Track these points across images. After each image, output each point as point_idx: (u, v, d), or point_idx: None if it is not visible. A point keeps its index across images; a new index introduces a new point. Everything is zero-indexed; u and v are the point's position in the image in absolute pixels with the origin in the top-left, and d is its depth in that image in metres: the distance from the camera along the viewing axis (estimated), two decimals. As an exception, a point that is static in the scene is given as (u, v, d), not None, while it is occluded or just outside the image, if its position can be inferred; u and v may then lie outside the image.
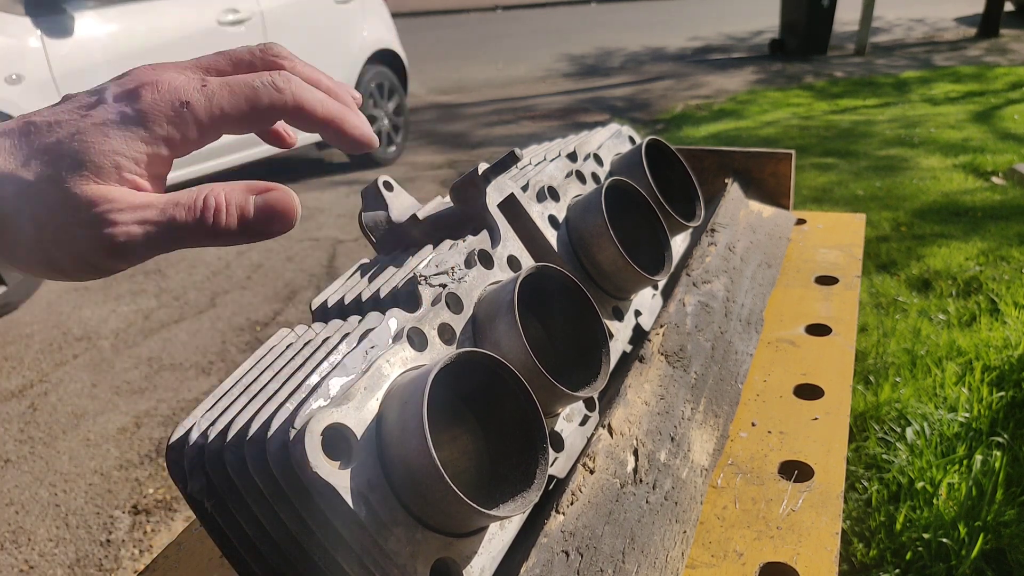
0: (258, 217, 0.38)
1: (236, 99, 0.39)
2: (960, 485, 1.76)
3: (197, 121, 0.38)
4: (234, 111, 0.39)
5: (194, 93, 0.39)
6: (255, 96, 0.40)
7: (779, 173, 1.11)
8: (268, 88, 0.40)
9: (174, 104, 0.38)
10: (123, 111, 0.38)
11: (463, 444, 0.51)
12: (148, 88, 0.38)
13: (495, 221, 0.64)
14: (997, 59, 8.16)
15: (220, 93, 0.39)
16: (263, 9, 4.39)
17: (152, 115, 0.38)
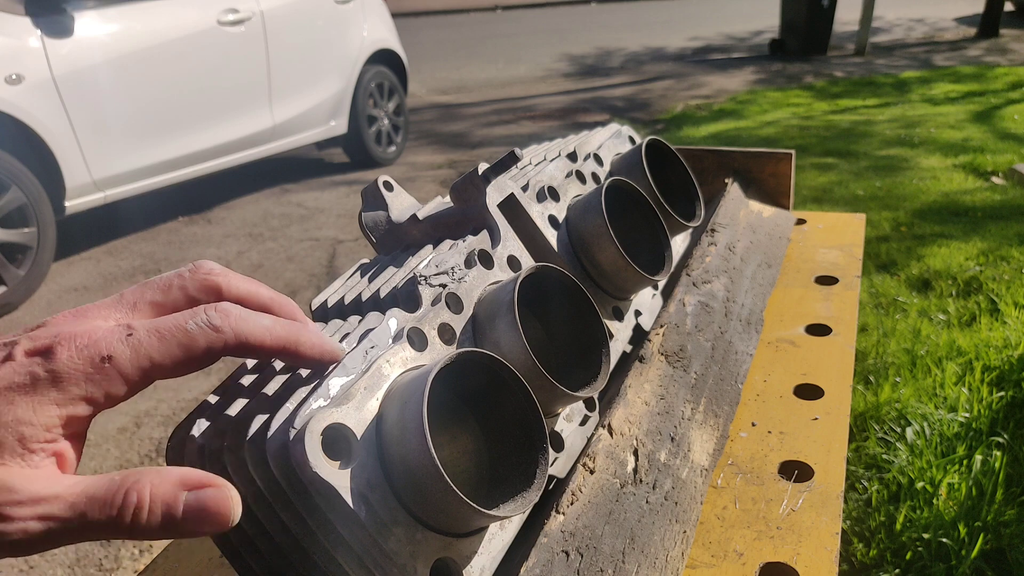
0: (187, 517, 0.33)
1: (167, 346, 0.36)
2: (960, 485, 1.76)
3: (123, 375, 0.35)
4: (166, 359, 0.36)
5: (117, 344, 0.35)
6: (190, 341, 0.36)
7: (779, 173, 1.11)
8: (204, 329, 0.36)
9: (94, 360, 0.34)
10: (32, 372, 0.34)
11: (463, 444, 0.51)
12: (64, 343, 0.34)
13: (495, 221, 0.64)
14: (997, 59, 8.16)
15: (148, 342, 0.35)
16: (263, 9, 4.39)
17: (68, 374, 0.34)
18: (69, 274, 3.79)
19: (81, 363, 0.34)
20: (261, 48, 4.41)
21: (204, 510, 0.34)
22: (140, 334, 0.35)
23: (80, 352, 0.34)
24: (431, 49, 11.16)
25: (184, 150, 4.06)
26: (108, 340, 0.35)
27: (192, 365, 0.36)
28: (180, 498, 0.34)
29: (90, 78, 3.59)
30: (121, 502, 0.33)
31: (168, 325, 0.36)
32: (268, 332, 0.39)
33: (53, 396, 0.34)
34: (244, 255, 3.90)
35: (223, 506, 0.34)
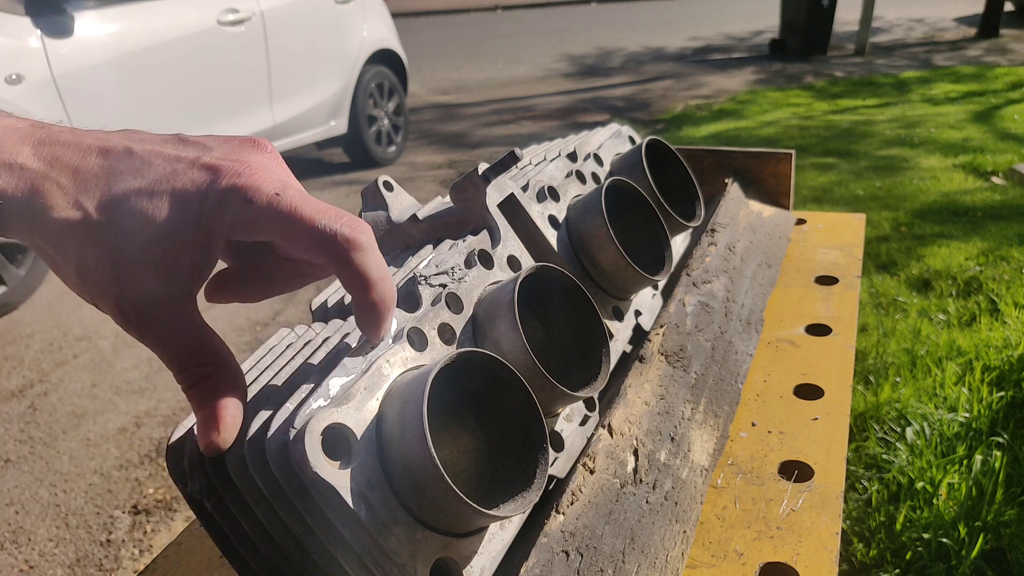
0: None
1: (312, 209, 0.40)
2: (960, 485, 1.76)
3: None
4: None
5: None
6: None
7: (779, 173, 1.11)
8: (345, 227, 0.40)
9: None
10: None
11: (463, 444, 0.51)
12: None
13: (495, 221, 0.64)
14: (997, 59, 8.16)
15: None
16: (263, 9, 4.39)
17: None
18: (69, 274, 3.79)
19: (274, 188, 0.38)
20: (261, 48, 4.41)
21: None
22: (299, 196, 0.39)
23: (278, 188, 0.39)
24: (431, 49, 11.16)
25: (184, 150, 4.06)
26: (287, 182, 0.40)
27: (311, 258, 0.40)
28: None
29: (90, 78, 3.58)
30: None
31: (326, 210, 0.40)
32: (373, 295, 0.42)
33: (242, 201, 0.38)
34: (244, 255, 3.90)
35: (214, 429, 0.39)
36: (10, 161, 0.37)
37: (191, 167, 0.38)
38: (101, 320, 3.26)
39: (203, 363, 0.39)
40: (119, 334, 3.12)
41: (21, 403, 2.65)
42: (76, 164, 0.37)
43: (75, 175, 0.37)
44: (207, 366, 0.39)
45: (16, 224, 0.37)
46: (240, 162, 0.38)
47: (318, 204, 0.39)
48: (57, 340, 3.11)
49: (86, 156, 0.38)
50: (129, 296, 0.37)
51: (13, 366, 2.92)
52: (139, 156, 0.38)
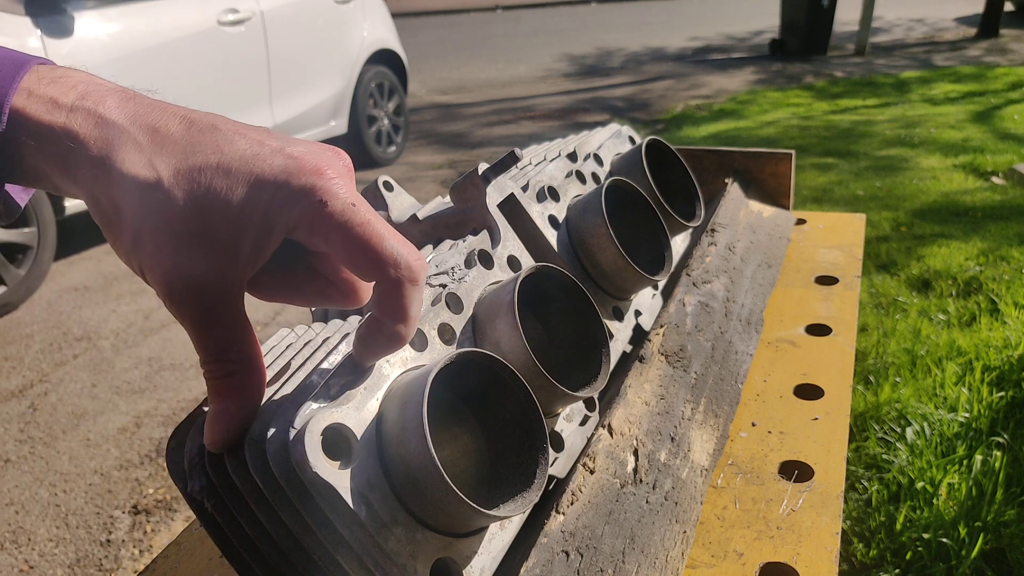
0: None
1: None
2: (960, 485, 1.76)
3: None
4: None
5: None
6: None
7: (779, 173, 1.11)
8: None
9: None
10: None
11: (463, 444, 0.51)
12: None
13: (495, 221, 0.64)
14: (997, 59, 8.16)
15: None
16: (263, 9, 4.39)
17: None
18: (69, 274, 3.79)
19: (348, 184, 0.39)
20: (261, 48, 4.41)
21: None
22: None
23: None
24: (431, 49, 11.16)
25: (184, 150, 4.06)
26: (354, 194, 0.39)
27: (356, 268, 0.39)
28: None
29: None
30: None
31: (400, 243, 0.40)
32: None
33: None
34: (244, 255, 3.90)
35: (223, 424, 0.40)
36: (92, 108, 0.36)
37: (275, 154, 0.37)
38: (101, 320, 3.26)
39: (235, 359, 0.38)
40: (119, 334, 3.12)
41: (21, 403, 2.66)
42: (158, 125, 0.37)
43: (154, 135, 0.36)
44: (237, 363, 0.39)
45: (85, 173, 0.36)
46: (323, 163, 0.38)
47: (388, 226, 0.39)
48: (57, 340, 3.11)
49: (169, 120, 0.37)
50: (182, 272, 0.36)
51: (13, 366, 2.92)
52: (223, 133, 0.38)
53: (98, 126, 0.36)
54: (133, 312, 3.33)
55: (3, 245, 3.35)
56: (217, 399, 0.39)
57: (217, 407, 0.39)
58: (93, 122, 0.36)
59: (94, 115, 0.36)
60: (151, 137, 0.36)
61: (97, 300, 3.47)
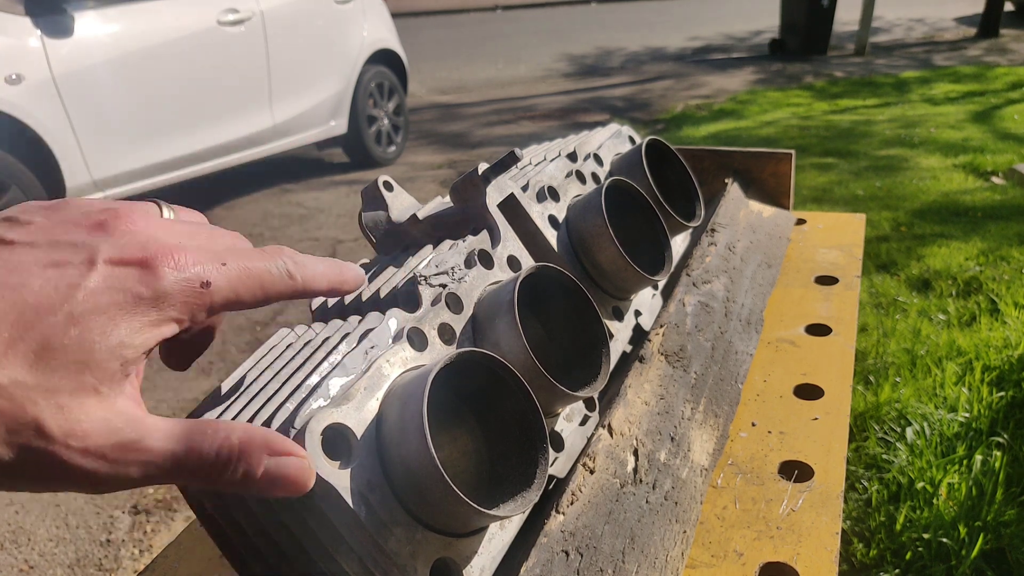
0: (264, 479, 0.34)
1: (252, 284, 0.35)
2: (960, 485, 1.76)
3: (212, 304, 0.34)
4: (247, 296, 0.35)
5: (214, 273, 0.34)
6: (270, 284, 0.36)
7: (779, 173, 1.11)
8: (282, 276, 0.37)
9: (194, 284, 0.33)
10: (136, 290, 0.31)
11: (463, 444, 0.51)
12: (166, 260, 0.32)
13: (495, 221, 0.64)
14: (997, 59, 8.16)
15: (239, 276, 0.35)
16: (263, 9, 4.39)
17: (171, 295, 0.32)
18: (69, 274, 3.79)
19: (184, 285, 0.32)
20: (261, 48, 4.41)
21: (282, 476, 0.34)
22: (233, 268, 0.35)
23: (184, 273, 0.32)
24: (431, 49, 11.16)
25: (184, 150, 4.06)
26: (208, 266, 0.34)
27: (259, 304, 0.37)
28: (263, 461, 0.34)
29: (90, 78, 3.58)
30: (214, 455, 0.32)
31: (255, 265, 0.36)
32: (324, 277, 0.39)
33: (152, 317, 0.31)
34: (244, 255, 3.90)
35: (300, 476, 0.35)
36: None
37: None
38: (101, 320, 3.26)
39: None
40: (119, 334, 3.12)
41: (21, 403, 2.65)
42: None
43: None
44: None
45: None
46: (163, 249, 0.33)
47: (249, 252, 0.36)
48: (57, 340, 3.10)
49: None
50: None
51: (13, 366, 2.91)
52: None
53: None
54: (133, 312, 3.32)
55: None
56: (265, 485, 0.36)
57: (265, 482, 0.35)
58: None
59: None
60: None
61: (97, 300, 3.47)
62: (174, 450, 0.32)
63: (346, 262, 0.43)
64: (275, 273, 0.37)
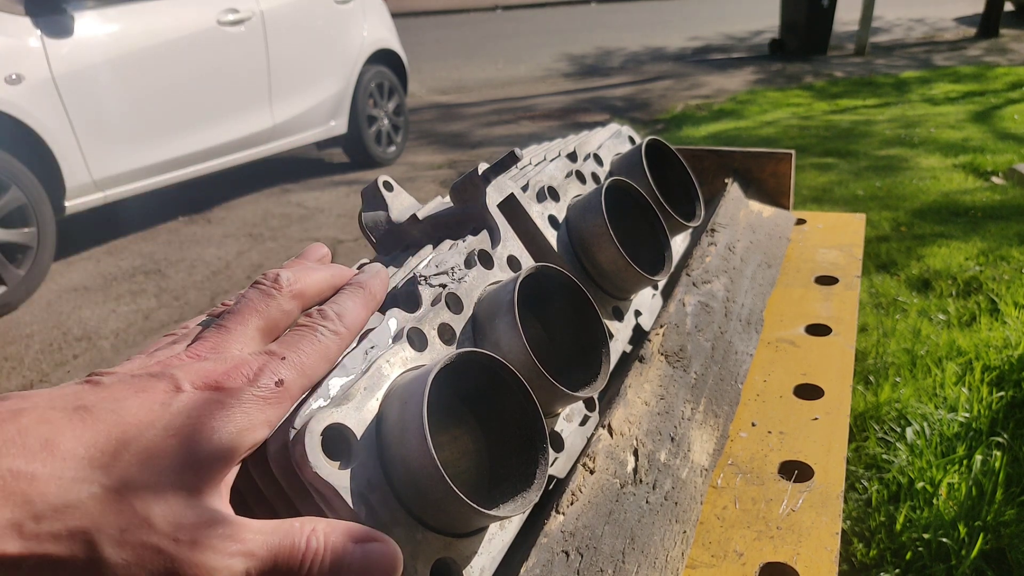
0: (353, 569, 0.35)
1: (314, 360, 0.40)
2: (960, 485, 1.76)
3: (294, 397, 0.38)
4: (319, 372, 0.40)
5: (282, 370, 0.38)
6: (326, 351, 0.40)
7: (779, 173, 1.11)
8: (331, 337, 0.41)
9: (269, 388, 0.37)
10: (220, 406, 0.35)
11: (463, 444, 0.51)
12: (237, 377, 0.36)
13: (495, 221, 0.64)
14: (997, 59, 8.16)
15: (302, 362, 0.39)
16: (263, 9, 4.39)
17: (253, 404, 0.36)
18: (69, 274, 3.79)
19: (260, 392, 0.36)
20: (261, 48, 4.41)
21: (370, 565, 0.36)
22: (293, 358, 0.38)
23: (254, 383, 0.36)
24: (431, 49, 11.16)
25: (184, 150, 4.06)
26: (272, 366, 0.37)
27: (329, 370, 0.41)
28: (350, 550, 0.36)
29: (90, 78, 3.59)
30: (303, 549, 0.34)
31: (307, 345, 0.40)
32: (365, 309, 0.44)
33: (239, 425, 0.35)
34: (244, 255, 3.90)
35: (388, 562, 0.36)
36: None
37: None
38: (101, 320, 3.26)
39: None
40: (119, 334, 3.12)
41: (21, 403, 2.65)
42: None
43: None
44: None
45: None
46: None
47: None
48: (57, 340, 3.11)
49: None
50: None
51: (13, 366, 2.92)
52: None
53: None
54: (133, 312, 3.33)
55: (3, 245, 3.35)
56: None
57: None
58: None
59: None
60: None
61: (97, 300, 3.47)
62: (268, 541, 0.34)
63: (369, 277, 0.47)
64: (326, 339, 0.41)
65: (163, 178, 4.02)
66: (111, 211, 4.02)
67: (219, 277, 3.65)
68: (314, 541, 0.35)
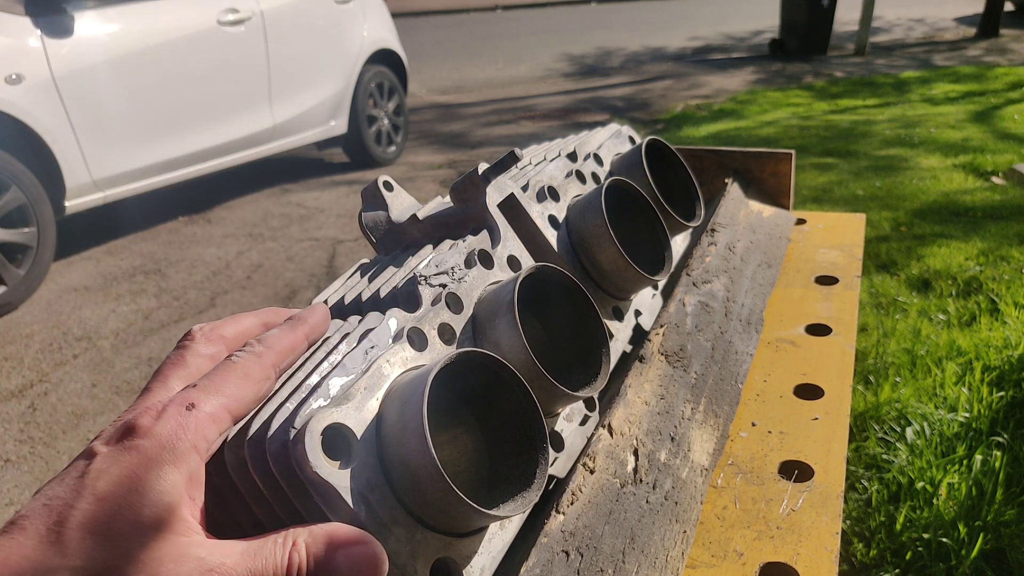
0: (339, 574, 0.36)
1: (230, 381, 0.40)
2: (960, 485, 1.76)
3: (211, 420, 0.38)
4: (235, 391, 0.40)
5: (192, 395, 0.38)
6: (244, 370, 0.41)
7: (779, 173, 1.11)
8: (249, 354, 0.41)
9: (180, 415, 0.37)
10: (136, 451, 0.35)
11: (463, 444, 0.51)
12: (143, 416, 0.36)
13: (495, 221, 0.64)
14: (997, 59, 8.16)
15: (213, 384, 0.39)
16: (263, 9, 4.39)
17: (169, 436, 0.36)
18: (69, 274, 3.79)
19: (173, 421, 0.36)
20: (261, 48, 4.41)
21: (354, 571, 0.36)
22: (204, 382, 0.39)
23: (163, 414, 0.36)
24: (431, 49, 11.16)
25: (184, 150, 4.06)
26: (180, 396, 0.38)
27: (259, 389, 0.41)
28: (332, 559, 0.36)
29: (90, 78, 3.59)
30: (285, 567, 0.34)
31: (220, 369, 0.40)
32: (291, 331, 0.44)
33: (167, 459, 0.35)
34: (244, 255, 3.90)
35: (371, 565, 0.36)
36: None
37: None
38: (101, 320, 3.26)
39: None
40: (119, 334, 3.12)
41: (21, 403, 2.65)
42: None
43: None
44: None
45: None
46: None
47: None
48: (57, 340, 3.11)
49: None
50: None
51: (13, 366, 2.92)
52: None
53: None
54: (133, 312, 3.33)
55: (3, 245, 3.35)
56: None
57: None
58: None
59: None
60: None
61: (97, 300, 3.47)
62: (249, 566, 0.34)
63: (305, 311, 0.47)
64: (242, 359, 0.41)
65: (163, 178, 4.02)
66: (111, 211, 4.02)
67: (219, 277, 3.65)
68: (296, 556, 0.35)
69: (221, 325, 0.45)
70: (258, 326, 0.47)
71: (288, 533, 0.36)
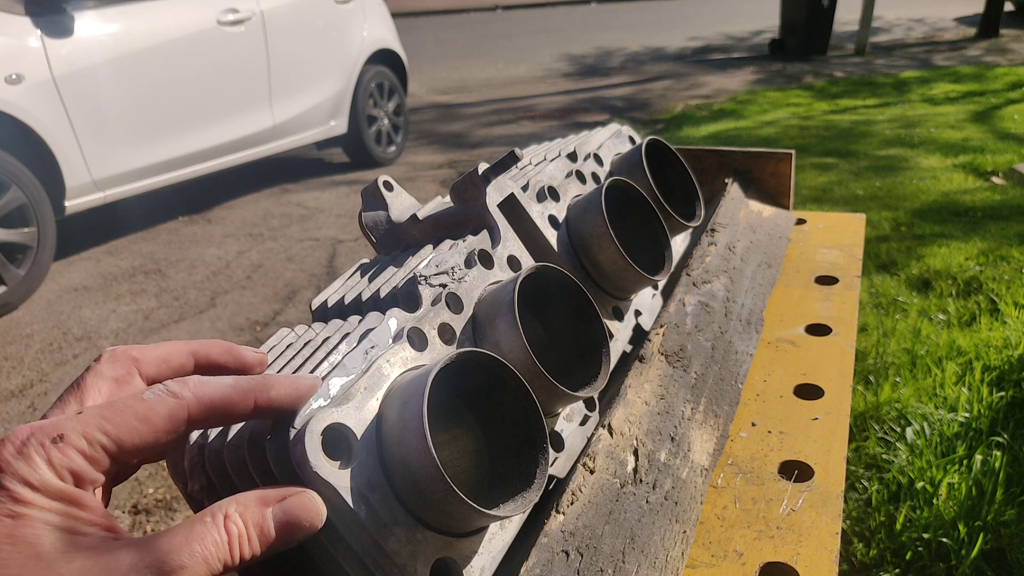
0: (280, 531, 0.35)
1: (124, 417, 0.35)
2: (960, 485, 1.76)
3: (78, 449, 0.34)
4: (123, 432, 0.35)
5: (64, 424, 0.35)
6: (147, 410, 0.35)
7: (779, 173, 1.11)
8: (161, 396, 0.36)
9: (44, 442, 0.34)
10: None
11: (463, 444, 0.51)
12: (4, 446, 0.33)
13: (495, 221, 0.64)
14: (997, 59, 8.16)
15: (99, 414, 0.35)
16: (263, 9, 4.39)
17: (34, 467, 0.33)
18: (69, 274, 3.79)
19: (35, 451, 0.33)
20: (261, 48, 4.41)
21: (293, 520, 0.36)
22: (91, 410, 0.35)
23: (26, 443, 0.33)
24: (431, 49, 11.16)
25: (184, 150, 4.06)
26: (53, 422, 0.34)
27: (159, 437, 0.35)
28: (268, 516, 0.35)
29: (90, 78, 3.59)
30: (227, 540, 0.34)
31: (122, 399, 0.36)
32: (233, 387, 0.38)
33: (31, 483, 0.33)
34: (244, 255, 3.90)
35: (309, 510, 0.36)
36: None
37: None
38: (101, 320, 3.26)
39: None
40: (119, 334, 3.12)
41: (21, 403, 2.65)
42: None
43: None
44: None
45: None
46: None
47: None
48: (57, 340, 3.11)
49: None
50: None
51: (13, 366, 2.92)
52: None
53: None
54: (133, 312, 3.33)
55: (3, 245, 3.35)
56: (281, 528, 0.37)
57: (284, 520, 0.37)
58: None
59: None
60: None
61: (97, 300, 3.47)
62: (202, 553, 0.33)
63: (279, 379, 0.41)
64: (150, 397, 0.36)
65: (163, 178, 4.02)
66: (111, 211, 4.02)
67: (219, 277, 3.65)
68: (233, 527, 0.34)
69: (138, 347, 0.42)
70: (186, 355, 0.43)
71: (216, 507, 0.35)
